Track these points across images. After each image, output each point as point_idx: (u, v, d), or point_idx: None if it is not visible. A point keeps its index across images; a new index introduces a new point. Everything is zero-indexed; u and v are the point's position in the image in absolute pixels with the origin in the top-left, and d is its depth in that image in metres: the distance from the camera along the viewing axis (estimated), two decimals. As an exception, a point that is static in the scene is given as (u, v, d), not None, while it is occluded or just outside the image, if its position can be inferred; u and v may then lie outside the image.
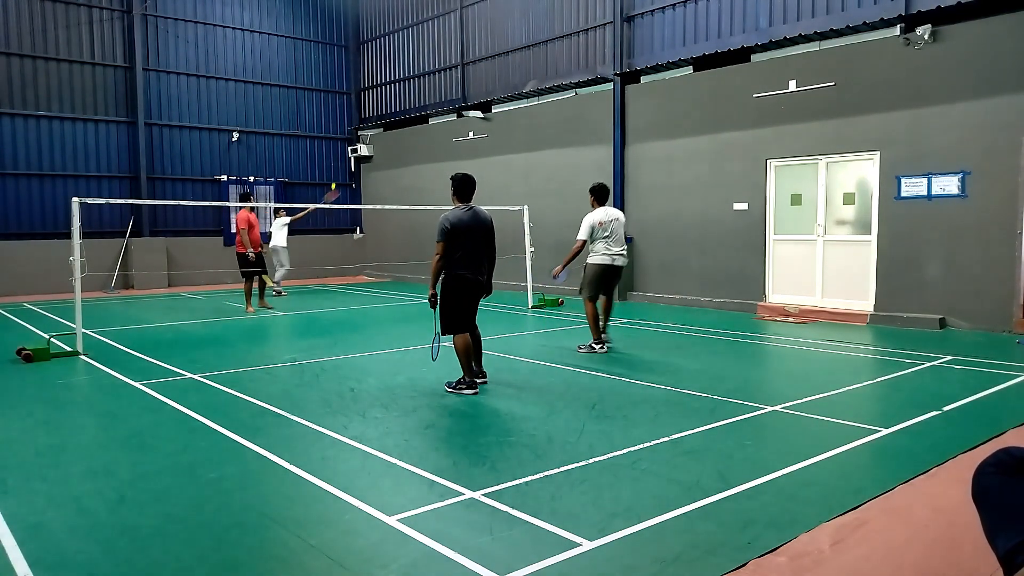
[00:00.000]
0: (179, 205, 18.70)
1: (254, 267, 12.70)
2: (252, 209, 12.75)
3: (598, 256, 8.56)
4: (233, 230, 19.26)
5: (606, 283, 8.62)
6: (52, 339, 8.93)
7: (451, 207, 6.65)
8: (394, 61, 20.52)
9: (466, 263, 6.42)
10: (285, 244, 15.91)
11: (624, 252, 8.67)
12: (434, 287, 6.45)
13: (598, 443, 4.98)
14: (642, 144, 14.06)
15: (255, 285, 13.14)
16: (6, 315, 12.61)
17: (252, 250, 12.48)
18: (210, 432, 5.43)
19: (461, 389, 6.51)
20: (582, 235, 8.59)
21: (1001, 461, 2.01)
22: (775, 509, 3.84)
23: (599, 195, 8.75)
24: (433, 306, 6.45)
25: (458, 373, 6.71)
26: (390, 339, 9.88)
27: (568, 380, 7.15)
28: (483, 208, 6.67)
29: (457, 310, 6.48)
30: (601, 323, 8.67)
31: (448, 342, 6.67)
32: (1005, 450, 2.03)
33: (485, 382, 6.78)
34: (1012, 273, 9.64)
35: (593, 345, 8.59)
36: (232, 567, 3.30)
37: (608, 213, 8.60)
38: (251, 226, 12.60)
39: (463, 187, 6.59)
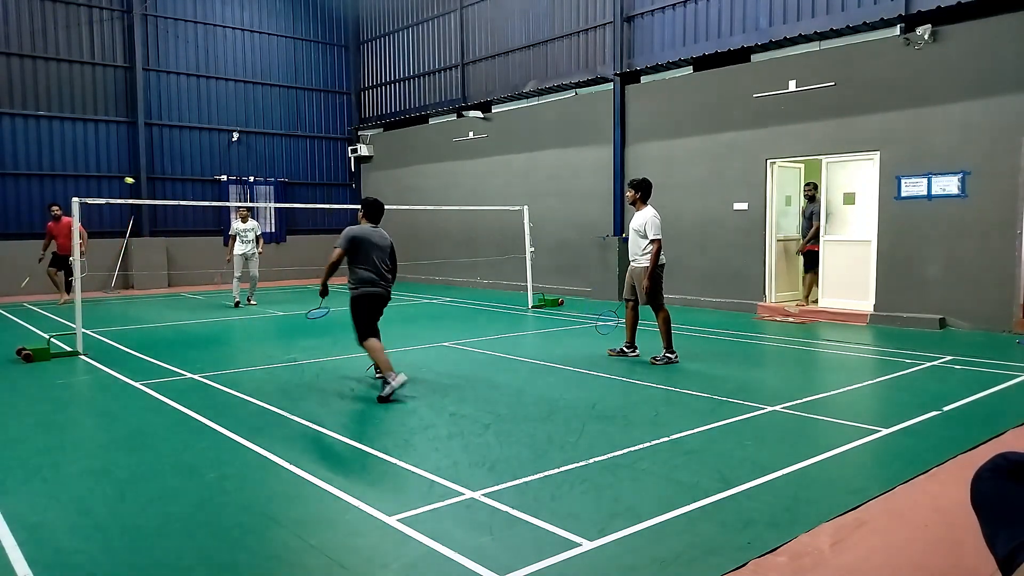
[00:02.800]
0: (179, 205, 18.69)
1: (61, 263, 14.18)
2: (57, 219, 14.20)
3: (663, 257, 7.92)
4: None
5: None
6: (52, 339, 8.92)
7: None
8: (394, 61, 20.52)
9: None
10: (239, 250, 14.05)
11: None
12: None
13: (598, 443, 4.98)
14: (642, 144, 14.06)
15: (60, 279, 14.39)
16: (6, 315, 12.61)
17: (46, 254, 14.37)
18: (210, 432, 5.43)
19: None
20: (658, 234, 7.74)
21: (998, 466, 2.01)
22: (775, 509, 3.84)
23: (646, 191, 8.03)
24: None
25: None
26: (390, 339, 9.84)
27: (568, 380, 7.15)
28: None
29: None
30: (631, 331, 8.25)
31: None
32: (1002, 455, 2.04)
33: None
34: (1012, 273, 9.64)
35: (624, 348, 8.20)
36: (232, 567, 3.30)
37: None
38: (53, 236, 14.13)
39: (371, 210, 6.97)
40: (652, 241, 7.74)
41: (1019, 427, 5.35)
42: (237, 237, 14.30)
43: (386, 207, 7.26)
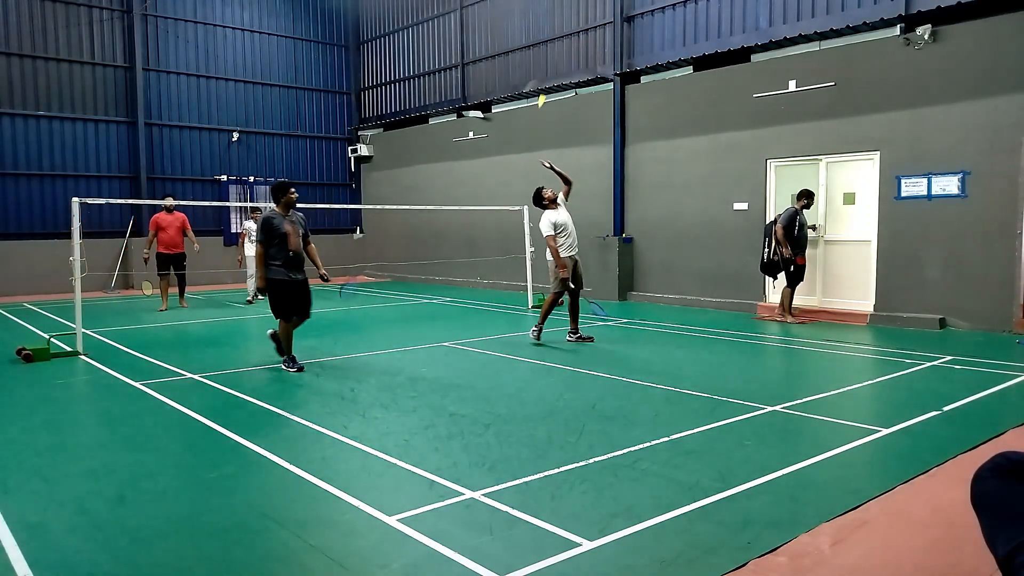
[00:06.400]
0: (179, 205, 18.67)
1: (164, 266, 13.12)
2: (169, 211, 13.07)
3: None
4: (234, 231, 19.35)
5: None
6: (52, 339, 8.92)
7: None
8: (394, 61, 20.52)
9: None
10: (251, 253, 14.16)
11: None
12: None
13: (598, 443, 4.98)
14: (642, 144, 14.06)
15: (170, 286, 13.38)
16: (6, 315, 12.61)
17: (151, 250, 13.04)
18: (210, 432, 5.43)
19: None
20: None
21: (998, 465, 2.01)
22: (775, 509, 3.84)
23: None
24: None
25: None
26: (390, 339, 9.88)
27: (568, 380, 7.15)
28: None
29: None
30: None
31: None
32: (1002, 455, 2.04)
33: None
34: (1012, 273, 9.64)
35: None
36: (232, 567, 3.30)
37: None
38: (160, 228, 12.96)
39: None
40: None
41: (1019, 427, 5.35)
42: (247, 235, 14.46)
43: (385, 207, 7.46)
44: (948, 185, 10.10)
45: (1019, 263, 9.58)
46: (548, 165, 9.57)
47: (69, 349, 8.68)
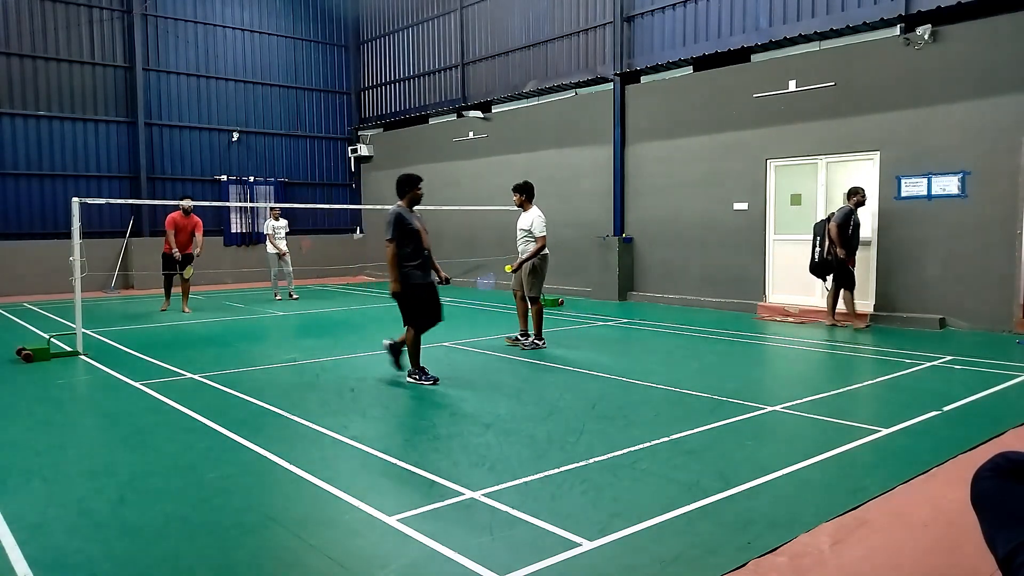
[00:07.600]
0: (178, 206, 18.67)
1: (170, 267, 12.92)
2: (186, 213, 12.80)
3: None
4: (234, 230, 19.38)
5: None
6: (52, 339, 8.92)
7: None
8: (394, 61, 20.52)
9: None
10: (272, 249, 14.87)
11: None
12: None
13: (598, 443, 4.98)
14: (642, 144, 14.06)
15: (178, 287, 13.21)
16: (6, 315, 12.60)
17: (176, 251, 12.72)
18: (210, 432, 5.42)
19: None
20: (543, 232, 8.91)
21: (998, 465, 2.02)
22: (775, 509, 3.84)
23: (530, 193, 9.40)
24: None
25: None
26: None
27: (568, 380, 7.15)
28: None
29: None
30: (524, 320, 9.13)
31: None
32: (1002, 455, 2.05)
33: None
34: (1012, 273, 9.64)
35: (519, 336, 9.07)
36: (232, 567, 3.30)
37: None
38: (178, 228, 12.73)
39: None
40: (538, 238, 8.80)
41: (1019, 427, 5.35)
42: (274, 235, 14.71)
43: (385, 207, 7.34)
44: (948, 185, 10.10)
45: (1019, 263, 9.58)
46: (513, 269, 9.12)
47: (69, 349, 8.67)
